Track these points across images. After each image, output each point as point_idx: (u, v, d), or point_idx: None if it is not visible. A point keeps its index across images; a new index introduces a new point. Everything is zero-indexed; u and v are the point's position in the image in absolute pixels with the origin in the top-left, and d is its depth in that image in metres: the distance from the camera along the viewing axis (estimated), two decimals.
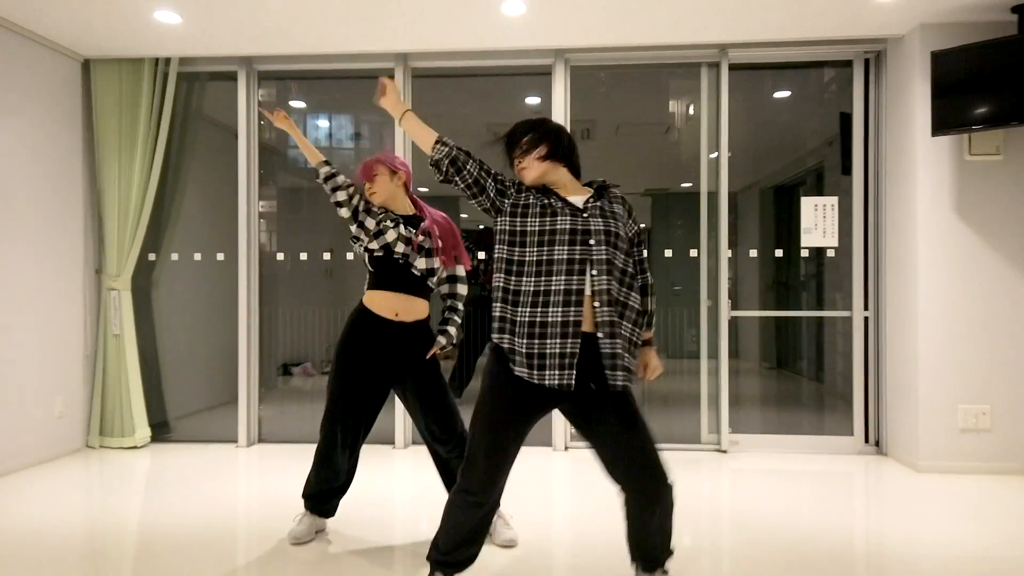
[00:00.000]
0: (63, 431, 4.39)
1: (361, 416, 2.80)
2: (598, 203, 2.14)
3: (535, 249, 2.06)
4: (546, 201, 2.11)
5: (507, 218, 2.13)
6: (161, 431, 4.81)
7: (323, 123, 6.51)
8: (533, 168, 2.19)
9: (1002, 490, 3.64)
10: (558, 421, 4.53)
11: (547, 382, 2.01)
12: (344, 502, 3.45)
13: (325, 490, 2.90)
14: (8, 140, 3.96)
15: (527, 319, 2.03)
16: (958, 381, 3.94)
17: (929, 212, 3.97)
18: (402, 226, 2.80)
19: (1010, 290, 3.92)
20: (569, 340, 2.00)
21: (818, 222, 4.41)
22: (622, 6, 3.78)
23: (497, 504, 2.20)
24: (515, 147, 2.23)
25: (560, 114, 4.54)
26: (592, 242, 2.05)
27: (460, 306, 2.91)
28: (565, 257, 2.03)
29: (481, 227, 6.45)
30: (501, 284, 2.11)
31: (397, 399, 3.44)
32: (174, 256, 4.83)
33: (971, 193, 3.94)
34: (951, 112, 3.79)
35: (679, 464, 4.18)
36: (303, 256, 5.36)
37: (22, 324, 4.05)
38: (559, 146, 2.20)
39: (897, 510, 3.33)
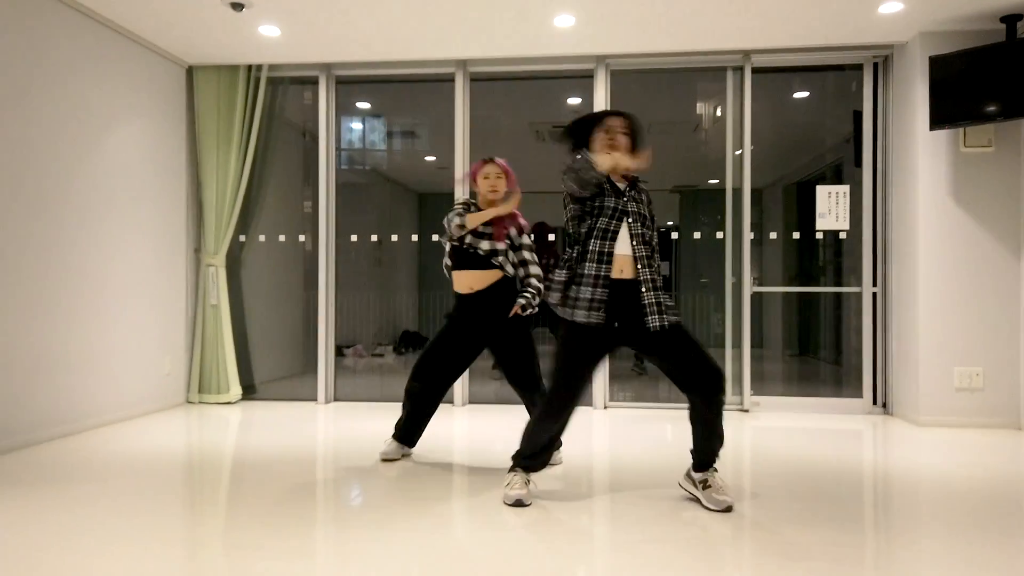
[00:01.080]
0: (170, 387, 5.09)
1: (443, 375, 3.46)
2: (632, 191, 2.79)
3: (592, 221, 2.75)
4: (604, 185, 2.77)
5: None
6: (248, 392, 5.50)
7: (377, 124, 7.20)
8: (625, 154, 2.75)
9: (991, 441, 4.16)
10: (598, 383, 5.13)
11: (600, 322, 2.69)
12: (419, 447, 4.10)
13: (408, 423, 3.59)
14: (123, 137, 4.67)
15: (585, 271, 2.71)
16: (954, 346, 4.47)
17: (928, 197, 4.51)
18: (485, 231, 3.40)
19: (999, 266, 4.44)
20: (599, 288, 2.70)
21: (831, 208, 4.96)
22: (658, 18, 4.38)
23: (566, 426, 2.81)
24: (600, 126, 2.79)
25: None
26: (629, 219, 2.72)
27: (534, 281, 3.45)
28: (604, 227, 2.71)
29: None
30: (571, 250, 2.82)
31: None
32: (261, 238, 5.52)
33: (966, 181, 4.47)
34: (947, 109, 4.33)
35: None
36: (354, 240, 6.03)
37: (136, 296, 4.76)
38: (638, 143, 2.84)
39: (900, 457, 3.85)
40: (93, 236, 4.31)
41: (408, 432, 3.60)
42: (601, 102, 5.15)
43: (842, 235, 5.03)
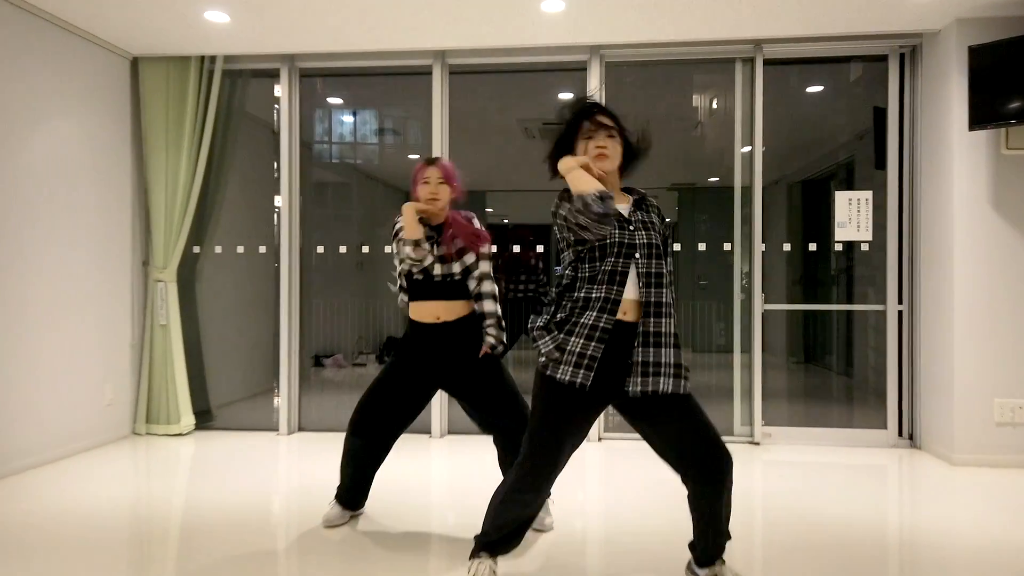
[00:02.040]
0: (112, 418, 4.54)
1: (390, 425, 2.89)
2: (638, 213, 2.19)
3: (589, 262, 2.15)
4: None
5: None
6: (204, 419, 4.95)
7: (355, 119, 6.63)
8: (614, 157, 2.15)
9: None
10: None
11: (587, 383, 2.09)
12: (380, 491, 3.56)
13: (351, 487, 3.01)
14: (59, 136, 4.11)
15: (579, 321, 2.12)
16: (994, 375, 3.96)
17: (965, 206, 3.99)
18: (435, 246, 2.81)
19: None
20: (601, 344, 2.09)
21: (852, 216, 4.43)
22: (658, 3, 3.84)
23: (546, 498, 2.28)
24: (586, 124, 2.15)
25: None
26: (637, 256, 2.13)
27: (489, 306, 2.88)
28: (610, 269, 2.11)
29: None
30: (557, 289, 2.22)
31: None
32: (218, 249, 4.96)
33: (1008, 187, 3.95)
34: (988, 106, 3.81)
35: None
36: (342, 249, 5.50)
37: (73, 315, 4.20)
38: (630, 144, 2.23)
39: (931, 503, 3.36)
40: (18, 248, 3.76)
41: (353, 497, 3.05)
42: (595, 96, 4.59)
43: (863, 247, 4.50)
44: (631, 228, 2.14)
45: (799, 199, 6.28)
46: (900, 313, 4.47)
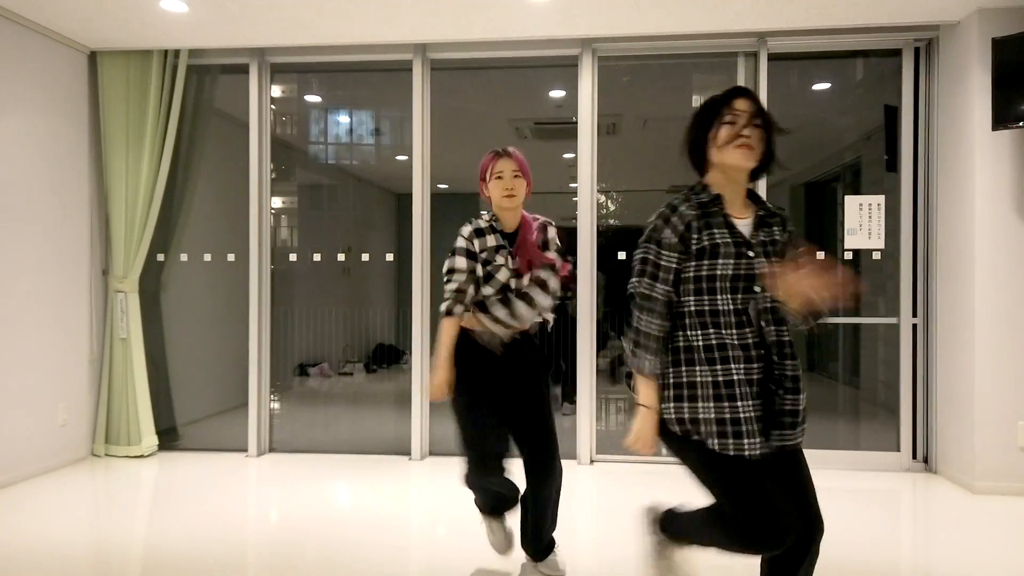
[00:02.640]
0: (67, 439, 4.21)
1: (493, 435, 2.46)
2: (760, 233, 1.82)
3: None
4: (708, 231, 1.79)
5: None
6: (169, 438, 4.62)
7: (343, 118, 6.31)
8: (756, 152, 1.78)
9: None
10: (583, 433, 4.28)
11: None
12: (355, 522, 3.24)
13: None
14: (11, 134, 3.79)
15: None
16: (1018, 395, 3.65)
17: (987, 212, 3.67)
18: (509, 258, 2.41)
19: None
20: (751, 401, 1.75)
21: (863, 222, 4.12)
22: None
23: None
24: (726, 109, 1.79)
25: (587, 108, 4.30)
26: (757, 288, 1.78)
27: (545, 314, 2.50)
28: (731, 308, 1.77)
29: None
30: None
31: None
32: (183, 257, 4.64)
33: None
34: (1014, 104, 3.50)
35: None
36: (318, 256, 5.20)
37: (24, 327, 3.88)
38: (771, 142, 1.83)
39: (949, 534, 3.07)
40: None
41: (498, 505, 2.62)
42: (588, 93, 4.29)
43: (875, 255, 4.18)
44: (751, 255, 1.79)
45: (803, 202, 5.99)
46: (915, 326, 4.15)
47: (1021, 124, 3.49)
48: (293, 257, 4.87)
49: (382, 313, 7.59)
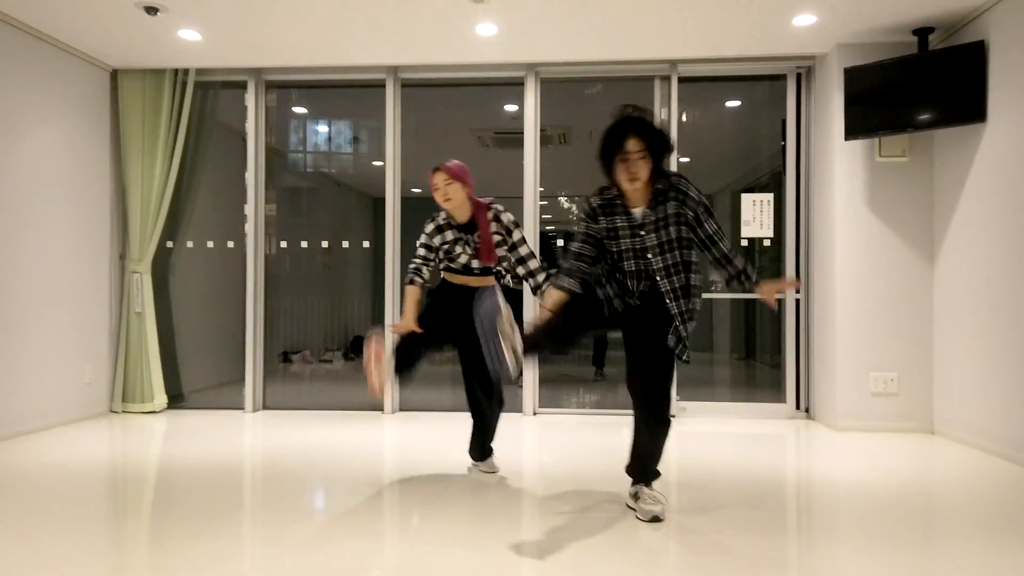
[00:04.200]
0: (91, 396, 4.98)
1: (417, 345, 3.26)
2: (652, 213, 2.63)
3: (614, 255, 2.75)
4: (611, 218, 2.68)
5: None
6: (176, 401, 5.41)
7: (323, 128, 7.15)
8: (644, 174, 2.57)
9: (905, 445, 4.24)
10: (528, 390, 5.13)
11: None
12: (334, 460, 4.06)
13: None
14: (44, 142, 4.58)
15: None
16: (870, 352, 4.56)
17: (845, 206, 4.60)
18: (468, 245, 3.23)
19: (914, 273, 4.54)
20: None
21: (755, 215, 5.03)
22: (581, 27, 4.41)
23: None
24: (621, 150, 2.55)
25: (531, 121, 5.17)
26: (650, 255, 2.66)
27: (540, 277, 3.26)
28: (632, 269, 2.70)
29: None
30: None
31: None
32: (189, 244, 5.44)
33: (881, 190, 4.57)
34: (862, 119, 4.43)
35: (628, 427, 4.78)
36: (303, 247, 5.99)
37: (57, 303, 4.66)
38: (661, 152, 2.61)
39: (819, 461, 3.89)
40: (7, 243, 4.22)
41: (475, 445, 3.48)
42: (532, 109, 5.17)
43: (766, 242, 5.10)
44: (643, 232, 2.65)
45: (738, 207, 6.86)
46: (797, 301, 5.07)
47: (865, 135, 4.42)
48: (283, 244, 5.67)
49: (358, 306, 8.44)
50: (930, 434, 4.50)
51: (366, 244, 5.78)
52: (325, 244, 5.83)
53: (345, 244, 5.79)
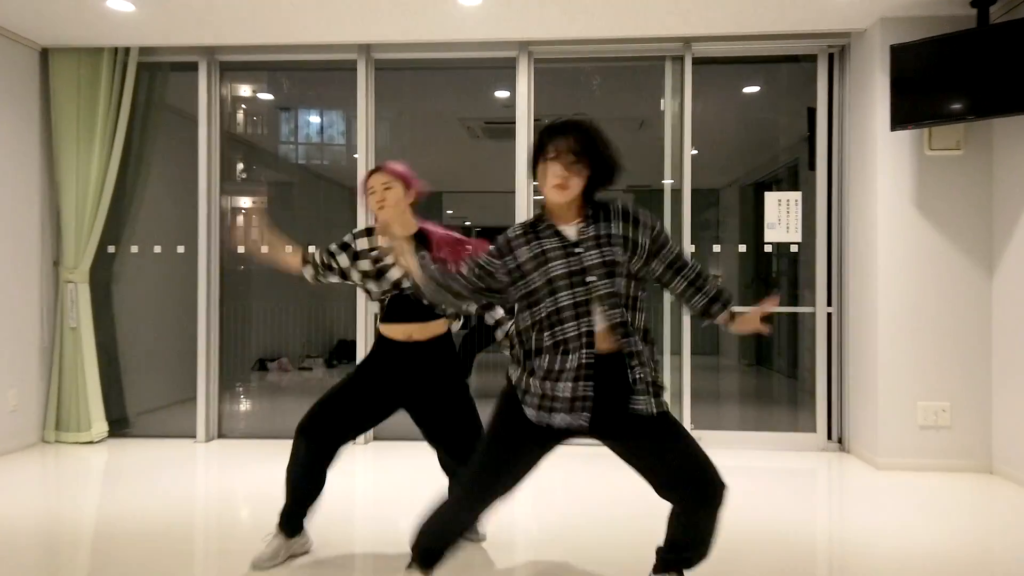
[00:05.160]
0: (17, 425, 4.33)
1: (349, 427, 2.59)
2: (590, 229, 1.99)
3: (541, 301, 1.99)
4: (537, 243, 2.00)
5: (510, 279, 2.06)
6: (120, 426, 4.75)
7: (303, 117, 6.45)
8: (574, 187, 1.96)
9: (960, 487, 3.62)
10: None
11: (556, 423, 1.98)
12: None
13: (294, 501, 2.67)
14: None
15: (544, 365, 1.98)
16: (918, 377, 3.92)
17: (889, 207, 3.95)
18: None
19: (970, 285, 3.90)
20: (581, 383, 1.94)
21: (781, 217, 4.38)
22: None
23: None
24: (549, 145, 1.96)
25: (523, 108, 4.51)
26: (593, 277, 1.95)
27: (500, 312, 2.71)
28: (569, 302, 1.94)
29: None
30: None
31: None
32: (134, 249, 4.76)
33: (931, 188, 3.92)
34: (910, 106, 3.77)
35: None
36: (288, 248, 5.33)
37: None
38: (601, 169, 2.00)
39: (855, 508, 3.30)
40: None
41: (294, 515, 2.64)
42: (524, 94, 4.51)
43: (793, 248, 4.45)
44: (579, 250, 1.97)
45: (752, 202, 6.24)
46: (829, 315, 4.42)
47: (915, 125, 3.76)
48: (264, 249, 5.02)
49: (345, 309, 7.73)
50: (988, 474, 3.86)
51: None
52: (312, 247, 5.15)
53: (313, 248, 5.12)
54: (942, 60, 3.70)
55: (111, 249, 4.69)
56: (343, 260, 2.64)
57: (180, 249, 4.81)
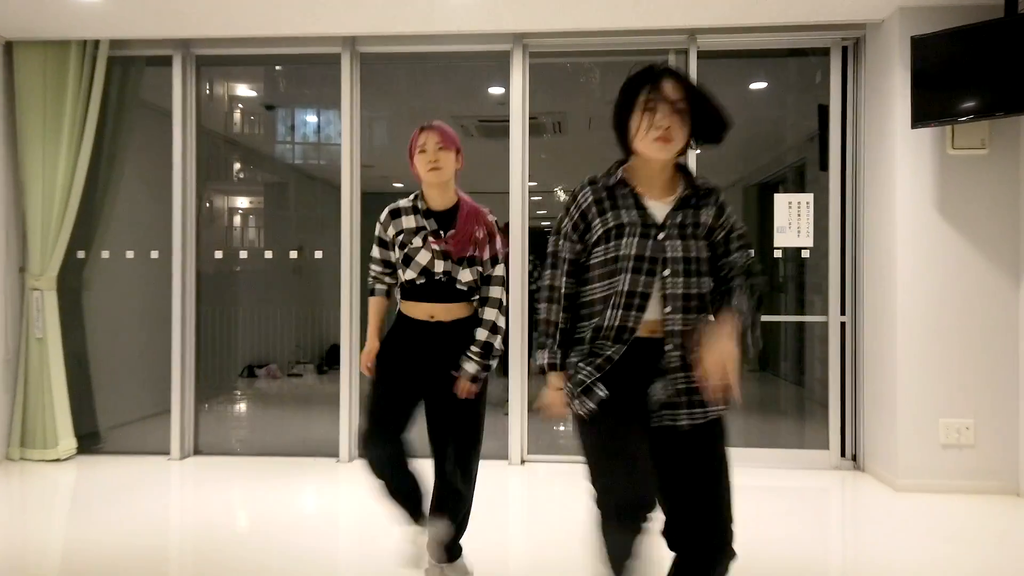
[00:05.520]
0: None
1: (400, 418, 2.40)
2: (680, 213, 1.72)
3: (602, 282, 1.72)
4: (616, 212, 1.71)
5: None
6: (91, 441, 4.48)
7: (295, 117, 6.18)
8: (678, 140, 1.68)
9: (985, 511, 3.36)
10: (515, 432, 4.22)
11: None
12: (281, 525, 3.15)
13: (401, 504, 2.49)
14: None
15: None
16: (939, 393, 3.66)
17: (908, 210, 3.69)
18: (432, 238, 2.37)
19: (996, 294, 3.63)
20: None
21: (792, 220, 4.12)
22: None
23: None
24: (644, 94, 1.67)
25: (518, 104, 4.25)
26: (666, 272, 1.68)
27: (493, 318, 2.41)
28: (627, 290, 1.68)
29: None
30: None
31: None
32: (105, 254, 4.49)
33: (954, 189, 3.66)
34: (932, 102, 3.51)
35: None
36: (269, 254, 5.13)
37: None
38: (709, 119, 1.71)
39: (873, 532, 3.06)
40: None
41: (411, 508, 2.48)
42: (519, 88, 4.25)
43: (805, 253, 4.18)
44: (660, 236, 1.69)
45: (756, 203, 5.99)
46: (843, 325, 4.16)
47: (938, 122, 3.51)
48: (243, 255, 4.78)
49: (334, 314, 7.46)
50: (1015, 496, 3.60)
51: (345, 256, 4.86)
52: (293, 254, 4.91)
53: (319, 255, 4.88)
54: (966, 53, 3.44)
55: (81, 254, 4.42)
56: (390, 254, 2.49)
57: (154, 254, 4.54)
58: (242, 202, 5.94)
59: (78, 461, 4.25)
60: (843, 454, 4.14)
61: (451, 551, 2.50)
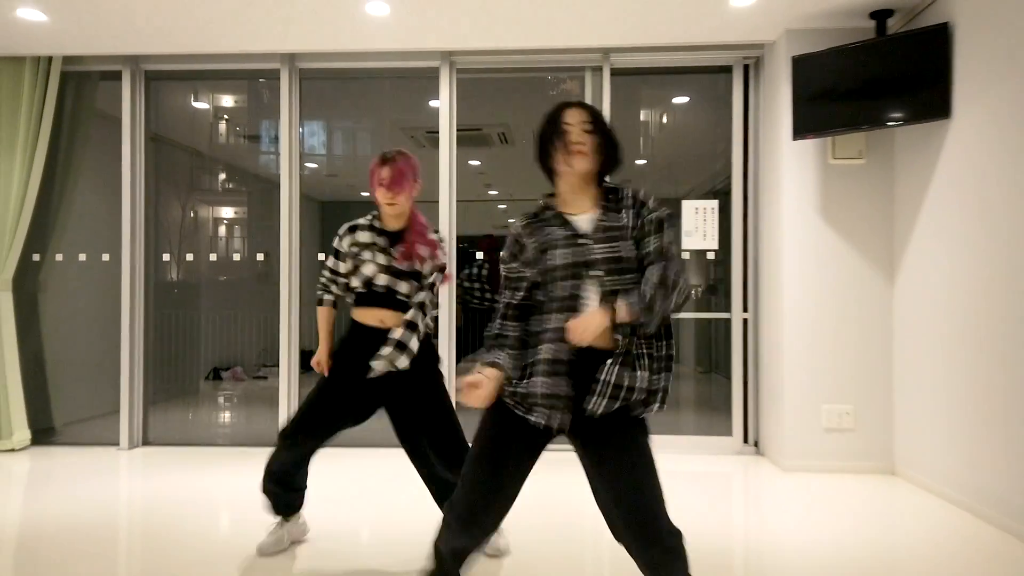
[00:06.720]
0: None
1: (328, 428, 2.63)
2: (605, 220, 1.88)
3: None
4: (544, 231, 1.91)
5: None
6: (46, 436, 4.74)
7: (226, 124, 6.45)
8: (592, 154, 1.89)
9: (864, 488, 3.69)
10: None
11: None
12: (223, 503, 3.43)
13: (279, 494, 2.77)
14: None
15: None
16: (822, 381, 4.00)
17: (794, 215, 4.03)
18: (379, 254, 2.62)
19: (873, 291, 3.99)
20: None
21: (698, 225, 4.45)
22: (499, 8, 3.80)
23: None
24: (561, 124, 1.90)
25: (446, 118, 4.56)
26: (597, 273, 1.84)
27: (411, 317, 2.58)
28: (562, 295, 1.86)
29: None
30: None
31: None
32: (59, 257, 4.76)
33: (835, 196, 4.01)
34: (811, 116, 3.86)
35: (550, 464, 4.19)
36: (235, 258, 5.38)
37: None
38: (612, 144, 1.93)
39: (761, 511, 3.36)
40: None
41: (285, 503, 2.79)
42: (446, 103, 4.56)
43: (710, 255, 4.52)
44: (588, 242, 1.86)
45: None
46: (745, 321, 4.50)
47: (816, 134, 3.85)
48: (212, 257, 5.07)
49: (306, 317, 7.73)
50: (891, 475, 3.95)
51: (321, 254, 5.15)
52: (260, 258, 5.19)
53: (284, 262, 5.15)
54: (842, 70, 3.79)
55: (36, 257, 4.69)
56: (338, 265, 2.72)
57: (105, 257, 4.81)
58: (227, 212, 6.21)
59: (31, 451, 4.51)
60: (746, 440, 4.48)
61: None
